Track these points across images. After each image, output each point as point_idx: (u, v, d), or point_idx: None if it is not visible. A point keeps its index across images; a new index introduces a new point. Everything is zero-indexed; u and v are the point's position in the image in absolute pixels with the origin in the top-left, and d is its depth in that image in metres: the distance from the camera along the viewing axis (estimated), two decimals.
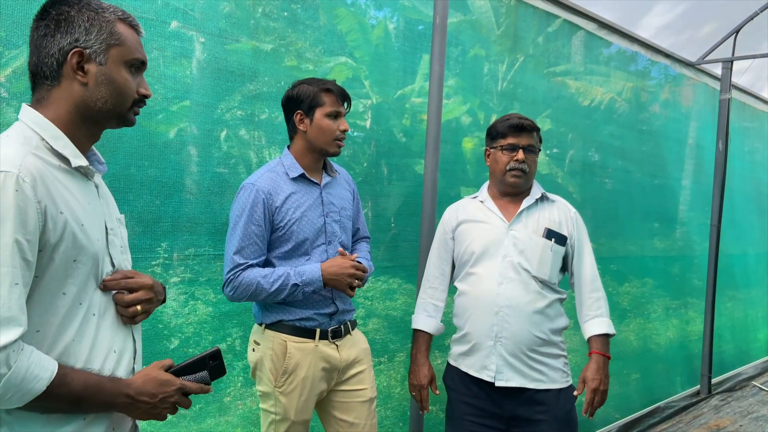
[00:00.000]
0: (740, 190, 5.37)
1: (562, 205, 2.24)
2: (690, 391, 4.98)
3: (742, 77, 4.97)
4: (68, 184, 1.13)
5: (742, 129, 5.49)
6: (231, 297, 1.93)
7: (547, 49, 3.61)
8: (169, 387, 1.21)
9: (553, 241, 2.13)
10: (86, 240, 1.13)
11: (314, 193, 2.01)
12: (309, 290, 1.91)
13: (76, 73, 1.15)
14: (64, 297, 1.10)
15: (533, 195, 2.20)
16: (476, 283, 2.14)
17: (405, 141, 2.99)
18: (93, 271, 1.15)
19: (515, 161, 2.13)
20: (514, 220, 2.15)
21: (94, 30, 1.16)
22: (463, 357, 2.17)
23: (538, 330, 2.08)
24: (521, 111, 3.48)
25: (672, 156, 4.79)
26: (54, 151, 1.13)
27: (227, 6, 2.28)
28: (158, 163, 2.12)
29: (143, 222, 2.08)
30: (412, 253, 2.91)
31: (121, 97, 1.19)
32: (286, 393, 1.93)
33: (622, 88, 4.16)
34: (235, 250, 1.90)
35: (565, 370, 2.15)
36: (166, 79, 2.11)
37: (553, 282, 2.13)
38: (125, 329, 1.25)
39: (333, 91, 1.96)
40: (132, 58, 1.21)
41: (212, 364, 1.28)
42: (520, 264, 2.10)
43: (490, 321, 2.09)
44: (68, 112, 1.16)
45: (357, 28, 2.77)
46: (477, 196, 2.28)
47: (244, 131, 2.40)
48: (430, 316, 2.27)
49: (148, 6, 2.03)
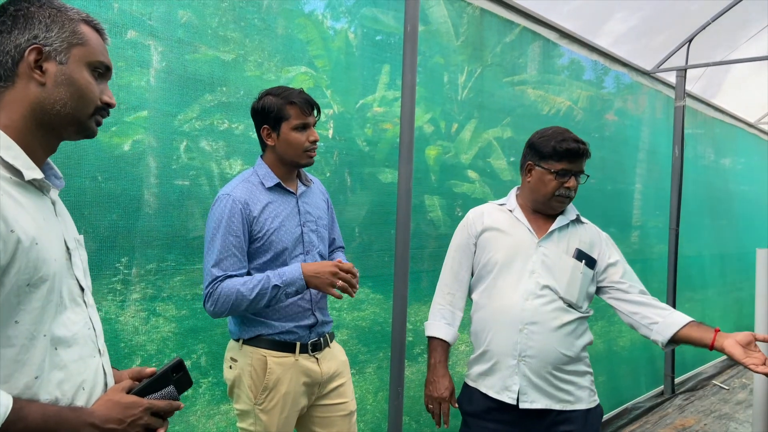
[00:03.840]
0: (694, 194, 5.54)
1: (593, 228, 2.13)
2: (654, 392, 5.07)
3: (695, 85, 5.14)
4: (21, 198, 1.01)
5: (694, 135, 5.67)
6: (213, 312, 1.82)
7: (508, 58, 3.66)
8: (136, 409, 1.10)
9: (583, 263, 2.01)
10: (41, 260, 1.01)
11: (291, 203, 1.96)
12: (291, 291, 1.82)
13: (33, 72, 1.05)
14: (17, 326, 0.98)
15: (568, 215, 2.08)
16: (498, 297, 2.01)
17: (368, 150, 2.98)
18: (51, 296, 1.03)
19: (565, 188, 1.99)
20: (545, 237, 2.03)
21: (56, 27, 1.07)
22: (483, 377, 2.03)
23: (565, 347, 1.96)
24: (483, 119, 3.53)
25: (628, 162, 4.91)
26: (4, 162, 1.01)
27: (185, 15, 2.24)
28: (114, 176, 2.04)
29: (100, 238, 2.00)
30: (381, 262, 2.89)
31: (82, 101, 1.09)
32: (266, 410, 1.86)
33: (578, 96, 4.25)
34: (214, 262, 1.81)
35: (592, 388, 2.03)
36: (121, 89, 2.05)
37: (579, 306, 2.00)
38: (95, 361, 1.13)
39: (297, 103, 1.89)
40: (96, 61, 1.11)
41: (176, 377, 1.19)
42: (548, 284, 1.98)
43: (513, 338, 1.95)
44: (23, 117, 1.05)
45: (317, 37, 2.76)
46: (504, 204, 2.15)
47: (204, 142, 2.34)
48: (448, 324, 2.10)
49: (104, 13, 1.97)
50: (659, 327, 1.93)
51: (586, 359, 2.04)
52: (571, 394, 1.98)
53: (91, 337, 1.13)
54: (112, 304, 2.04)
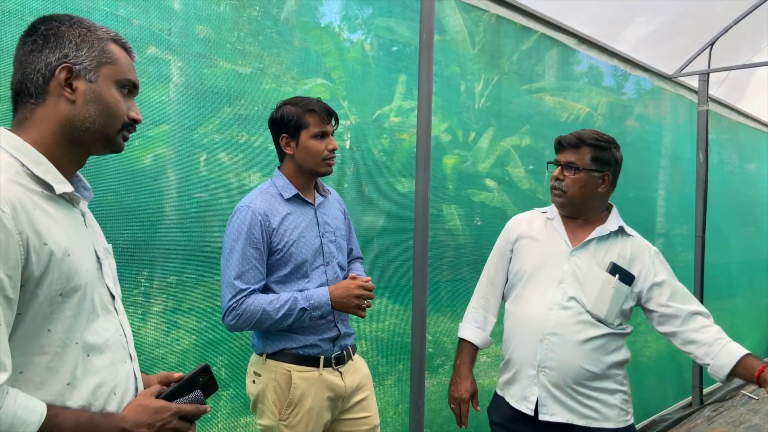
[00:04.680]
0: (720, 201, 5.43)
1: (640, 241, 2.03)
2: (682, 403, 4.96)
3: (718, 89, 5.06)
4: (52, 211, 1.05)
5: (719, 140, 5.57)
6: (232, 326, 1.81)
7: (525, 65, 3.64)
8: (165, 413, 1.14)
9: (616, 278, 1.92)
10: (74, 271, 1.04)
11: (309, 214, 1.95)
12: (317, 314, 1.83)
13: (63, 90, 1.08)
14: (49, 335, 1.02)
15: (609, 226, 2.00)
16: (524, 305, 2.00)
17: (385, 160, 2.97)
18: (83, 305, 1.06)
19: (554, 179, 1.99)
20: (579, 247, 1.98)
21: (85, 46, 1.10)
22: (507, 386, 2.03)
23: (589, 362, 1.89)
24: (500, 127, 3.50)
25: (651, 168, 4.83)
26: (35, 177, 1.05)
27: (203, 30, 2.27)
28: (136, 189, 2.07)
29: (122, 251, 2.02)
30: (400, 273, 2.87)
31: (111, 118, 1.12)
32: (291, 426, 1.85)
33: (598, 102, 4.21)
34: (236, 275, 1.80)
35: (623, 407, 1.95)
36: (142, 104, 2.07)
37: (609, 322, 1.92)
38: (126, 366, 1.16)
39: (317, 111, 1.90)
40: (124, 78, 1.15)
41: (202, 381, 1.23)
42: (575, 296, 1.92)
43: (534, 348, 1.93)
44: (53, 133, 1.08)
45: (333, 49, 2.77)
46: (546, 212, 2.12)
47: (223, 155, 2.36)
48: (479, 328, 2.12)
49: (124, 30, 2.00)
50: (711, 369, 1.86)
51: (617, 377, 1.95)
52: (597, 411, 1.91)
53: (122, 343, 1.17)
54: (134, 316, 2.05)
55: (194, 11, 2.21)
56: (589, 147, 1.95)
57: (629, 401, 1.98)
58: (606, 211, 2.07)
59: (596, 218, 2.03)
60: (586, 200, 1.98)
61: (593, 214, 2.03)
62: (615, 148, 2.00)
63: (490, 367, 3.30)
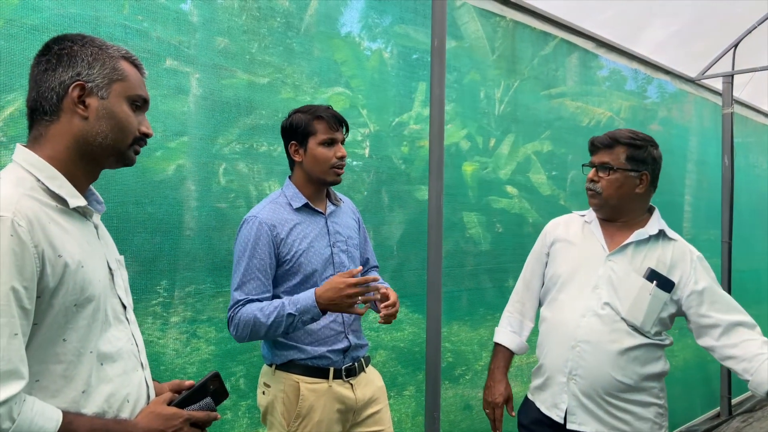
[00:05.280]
0: (747, 205, 5.31)
1: (682, 246, 1.93)
2: (710, 414, 4.84)
3: (742, 91, 4.96)
4: (66, 225, 1.09)
5: (745, 143, 5.46)
6: (236, 337, 1.82)
7: (545, 70, 3.61)
8: (177, 420, 1.17)
9: (654, 284, 1.84)
10: (87, 282, 1.08)
11: (319, 223, 1.93)
12: (307, 318, 1.76)
13: (76, 107, 1.12)
14: (65, 344, 1.06)
15: (648, 229, 1.92)
16: (558, 310, 1.95)
17: (404, 168, 2.97)
18: (96, 315, 1.10)
19: (588, 181, 1.94)
20: (616, 251, 1.91)
21: (97, 64, 1.14)
22: (538, 391, 1.99)
23: (622, 373, 1.82)
24: (521, 133, 3.47)
25: (676, 172, 4.75)
26: (50, 191, 1.09)
27: (222, 41, 2.29)
28: (156, 200, 2.09)
29: (141, 261, 2.04)
30: (417, 281, 2.86)
31: (122, 133, 1.16)
32: None
33: (620, 106, 4.15)
34: (236, 286, 1.81)
35: (657, 421, 1.88)
36: (165, 116, 2.10)
37: (646, 330, 1.85)
38: (138, 375, 1.20)
39: (325, 118, 1.89)
40: (135, 95, 1.18)
41: (213, 389, 1.26)
42: (610, 303, 1.86)
43: (565, 355, 1.88)
44: (66, 149, 1.12)
45: (352, 57, 2.78)
46: (585, 215, 2.06)
47: (242, 165, 2.38)
48: (514, 332, 2.09)
49: (143, 43, 2.03)
50: (751, 385, 1.75)
51: (653, 390, 1.88)
52: (628, 424, 1.85)
53: (134, 352, 1.21)
54: (153, 326, 2.07)
55: (216, 24, 2.24)
56: (624, 146, 1.89)
57: (664, 415, 1.91)
58: (647, 213, 1.98)
59: (636, 221, 1.95)
60: (624, 202, 1.91)
61: (633, 217, 1.95)
62: (652, 147, 1.93)
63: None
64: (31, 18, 1.79)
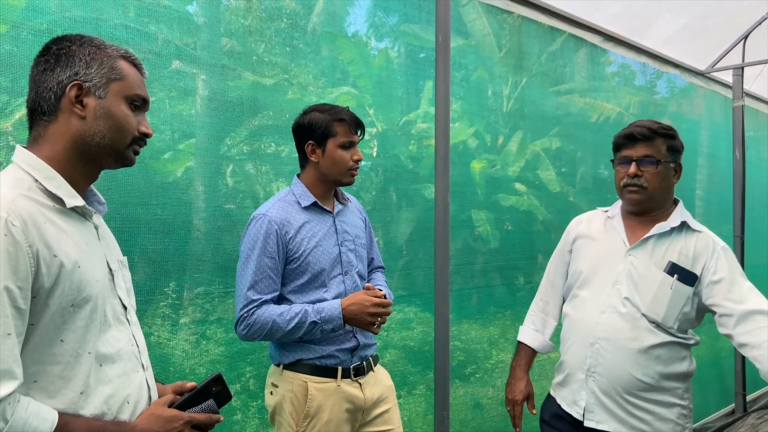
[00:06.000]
0: (759, 199, 5.25)
1: (706, 238, 1.87)
2: (725, 411, 4.79)
3: (753, 84, 4.90)
4: (64, 225, 1.08)
5: (757, 137, 5.40)
6: (244, 336, 1.81)
7: (553, 67, 3.58)
8: (177, 422, 1.16)
9: (675, 278, 1.80)
10: (84, 282, 1.07)
11: (327, 222, 1.93)
12: (328, 328, 1.79)
13: (74, 107, 1.11)
14: (62, 345, 1.04)
15: (671, 221, 1.87)
16: (579, 307, 1.93)
17: (412, 167, 2.96)
18: (94, 315, 1.09)
19: (628, 176, 1.85)
20: (637, 245, 1.87)
21: (95, 64, 1.13)
22: (559, 387, 1.98)
23: (642, 372, 1.79)
24: (529, 130, 3.45)
25: (687, 167, 4.69)
26: (48, 191, 1.08)
27: (228, 42, 2.29)
28: (165, 201, 2.09)
29: (150, 262, 2.04)
30: (426, 279, 2.85)
31: (120, 133, 1.15)
32: None
33: (629, 102, 4.11)
34: (249, 285, 1.79)
35: (679, 422, 1.83)
36: (172, 118, 2.10)
37: (668, 326, 1.80)
38: (138, 376, 1.18)
39: (346, 120, 1.87)
40: (133, 94, 1.17)
41: (216, 391, 1.23)
42: (630, 298, 1.83)
43: (584, 352, 1.86)
44: (65, 149, 1.12)
45: (359, 57, 2.77)
46: (608, 211, 2.03)
47: (250, 166, 2.38)
48: (537, 330, 2.09)
49: (148, 44, 2.03)
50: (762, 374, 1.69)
51: (676, 390, 1.83)
52: (648, 424, 1.81)
53: (134, 353, 1.19)
54: (162, 328, 2.07)
55: (225, 25, 2.24)
56: (663, 137, 1.86)
57: (688, 417, 1.85)
58: (673, 205, 1.95)
59: (662, 214, 1.91)
60: (664, 194, 1.88)
61: (662, 209, 1.91)
62: (678, 136, 1.93)
63: None
64: (37, 21, 1.80)
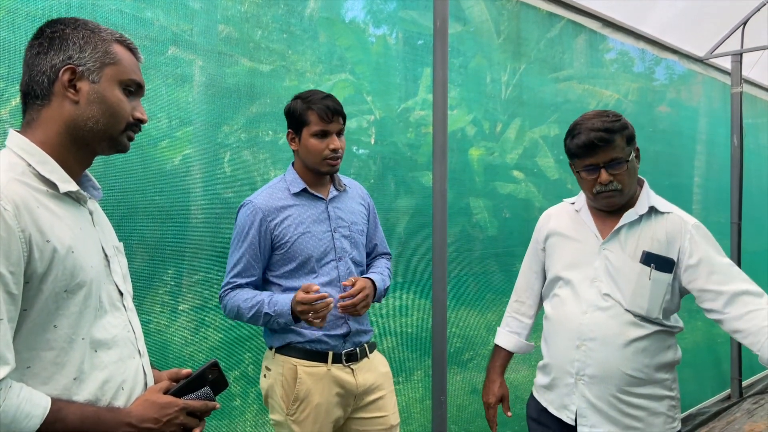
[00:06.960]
0: (757, 186, 5.26)
1: (676, 219, 1.78)
2: (721, 396, 4.83)
3: (751, 70, 4.89)
4: (57, 210, 1.07)
5: (755, 124, 5.39)
6: (225, 314, 1.91)
7: (551, 53, 3.57)
8: (172, 409, 1.15)
9: (652, 268, 1.73)
10: (78, 267, 1.06)
11: (318, 208, 1.93)
12: (282, 321, 1.80)
13: (67, 91, 1.10)
14: (55, 330, 1.04)
15: (637, 209, 1.78)
16: (559, 307, 1.87)
17: (410, 154, 2.95)
18: (88, 301, 1.08)
19: (600, 184, 1.73)
20: (609, 238, 1.79)
21: (89, 48, 1.11)
22: (544, 390, 1.92)
23: (632, 367, 1.74)
24: (527, 117, 3.44)
25: (685, 154, 4.71)
26: (41, 176, 1.07)
27: (225, 28, 2.27)
28: (163, 188, 2.09)
29: (149, 249, 2.05)
30: (424, 267, 2.85)
31: (114, 118, 1.13)
32: (298, 421, 1.84)
33: (628, 88, 4.10)
34: (229, 268, 1.88)
35: (670, 414, 1.79)
36: (169, 105, 2.09)
37: (653, 317, 1.74)
38: (134, 362, 1.18)
39: (316, 110, 1.84)
40: (128, 79, 1.15)
41: (212, 378, 1.23)
42: (610, 294, 1.76)
43: (571, 355, 1.80)
44: (58, 134, 1.10)
45: (356, 44, 2.75)
46: (574, 203, 1.94)
47: (247, 153, 2.37)
48: (512, 332, 2.05)
49: (144, 30, 2.02)
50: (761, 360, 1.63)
51: (666, 382, 1.78)
52: (641, 420, 1.76)
53: (130, 339, 1.18)
54: (161, 315, 2.08)
55: (222, 11, 2.22)
56: (618, 133, 1.73)
57: (677, 407, 1.82)
58: (638, 187, 1.85)
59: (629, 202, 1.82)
60: (634, 184, 1.79)
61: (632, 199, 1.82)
62: (625, 119, 1.80)
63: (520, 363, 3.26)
64: (33, 7, 1.79)
